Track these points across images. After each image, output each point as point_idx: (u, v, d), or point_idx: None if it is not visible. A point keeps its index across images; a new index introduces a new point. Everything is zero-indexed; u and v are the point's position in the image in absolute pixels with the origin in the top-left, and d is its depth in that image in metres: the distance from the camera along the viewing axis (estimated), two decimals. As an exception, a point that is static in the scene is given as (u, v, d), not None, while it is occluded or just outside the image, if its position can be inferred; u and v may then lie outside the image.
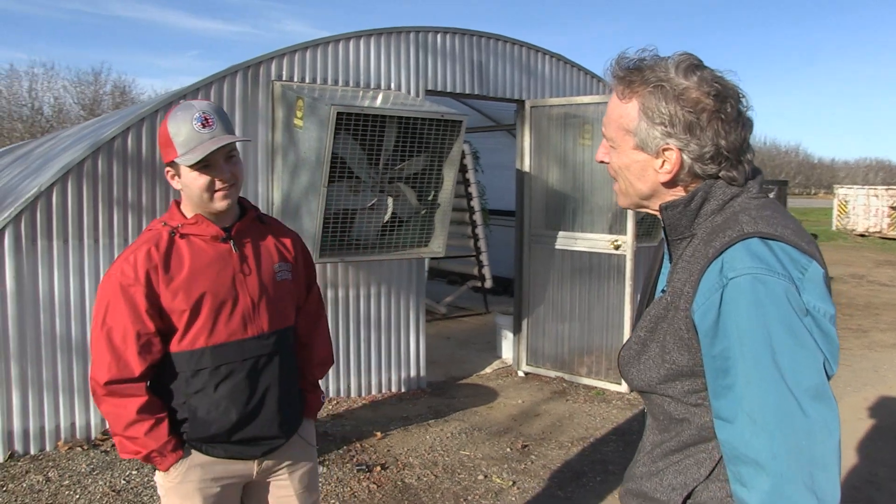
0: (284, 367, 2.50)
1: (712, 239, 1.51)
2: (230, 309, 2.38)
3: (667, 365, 1.57)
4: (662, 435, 1.65)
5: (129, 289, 2.29)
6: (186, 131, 2.27)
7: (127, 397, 2.30)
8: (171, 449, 2.36)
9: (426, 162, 6.00)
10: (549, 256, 7.44)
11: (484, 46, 7.14)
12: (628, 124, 1.60)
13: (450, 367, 7.71)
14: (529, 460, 5.26)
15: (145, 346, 2.31)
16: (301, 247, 2.69)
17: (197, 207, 2.39)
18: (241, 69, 5.82)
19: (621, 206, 1.77)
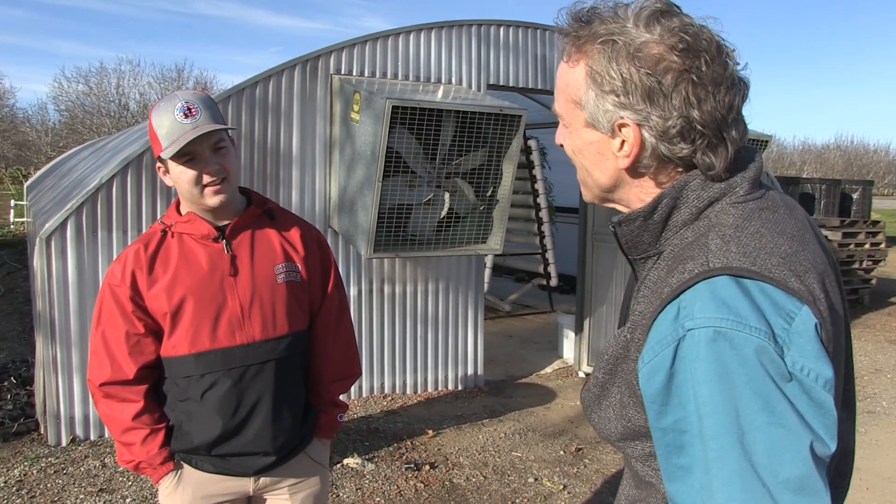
0: (281, 379, 2.32)
1: (673, 268, 1.14)
2: (215, 314, 2.24)
3: (622, 420, 1.23)
4: (637, 491, 1.34)
5: (116, 289, 2.23)
6: (169, 122, 2.13)
7: (123, 401, 2.25)
8: (162, 462, 2.28)
9: (484, 157, 5.90)
10: (613, 255, 7.27)
11: (548, 39, 7.00)
12: (576, 94, 1.22)
13: (509, 366, 7.60)
14: (583, 464, 5.12)
15: (136, 346, 2.24)
16: (318, 245, 2.48)
17: (191, 204, 2.25)
18: (299, 63, 5.82)
19: (586, 201, 1.38)
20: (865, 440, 5.68)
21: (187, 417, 2.26)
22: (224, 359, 2.24)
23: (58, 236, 5.08)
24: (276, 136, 5.78)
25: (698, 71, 1.14)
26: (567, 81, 1.24)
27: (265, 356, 2.28)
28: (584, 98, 1.21)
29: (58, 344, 5.13)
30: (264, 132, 5.72)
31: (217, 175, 2.19)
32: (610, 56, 1.16)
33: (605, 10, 1.20)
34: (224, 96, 5.57)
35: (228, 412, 2.25)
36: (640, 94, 1.15)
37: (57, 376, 5.15)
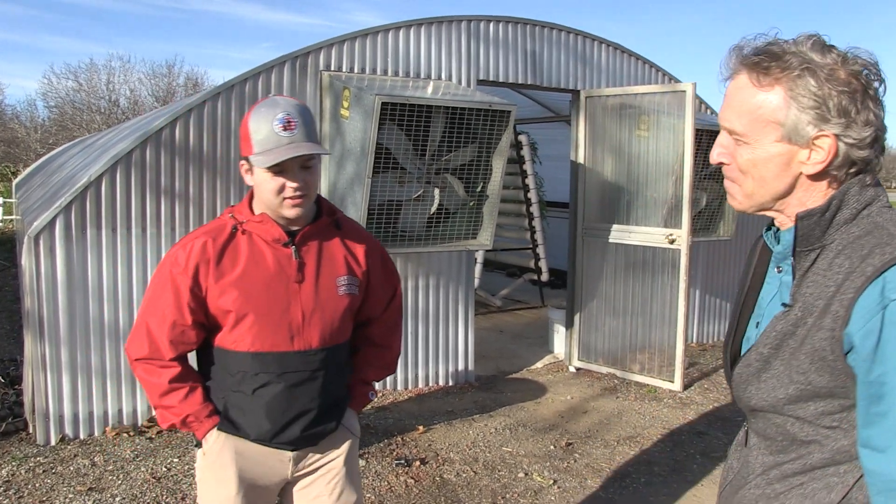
0: (328, 386, 2.38)
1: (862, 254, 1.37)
2: (277, 319, 2.27)
3: (798, 385, 1.44)
4: (778, 456, 1.54)
5: (176, 277, 2.25)
6: (266, 131, 2.16)
7: (161, 368, 2.29)
8: (208, 415, 2.33)
9: (474, 153, 5.91)
10: (603, 250, 7.29)
11: (538, 35, 7.01)
12: (772, 114, 1.43)
13: (500, 361, 7.62)
14: (573, 458, 5.14)
15: (180, 335, 2.28)
16: (379, 258, 2.53)
17: (266, 209, 2.28)
18: (289, 59, 5.81)
19: (737, 210, 1.59)
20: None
21: (235, 408, 2.33)
22: (280, 362, 2.29)
23: (46, 234, 5.07)
24: (265, 133, 5.75)
25: (872, 90, 1.41)
26: (758, 103, 1.44)
27: (318, 364, 2.34)
28: (784, 116, 1.42)
29: (46, 342, 5.12)
30: (254, 129, 5.70)
31: (301, 190, 2.22)
32: (808, 80, 1.39)
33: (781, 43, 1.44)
34: (214, 93, 5.56)
35: (276, 413, 2.31)
36: (836, 111, 1.38)
37: (46, 375, 5.14)
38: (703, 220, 7.65)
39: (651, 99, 6.83)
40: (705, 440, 5.52)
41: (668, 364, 6.83)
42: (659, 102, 6.79)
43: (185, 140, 5.47)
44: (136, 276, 5.35)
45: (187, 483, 4.63)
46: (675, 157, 6.65)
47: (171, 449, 5.10)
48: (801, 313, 1.43)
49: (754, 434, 1.62)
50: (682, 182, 6.52)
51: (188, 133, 5.47)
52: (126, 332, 5.32)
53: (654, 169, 6.83)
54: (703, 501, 4.58)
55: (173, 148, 5.43)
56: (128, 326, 5.32)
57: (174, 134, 5.43)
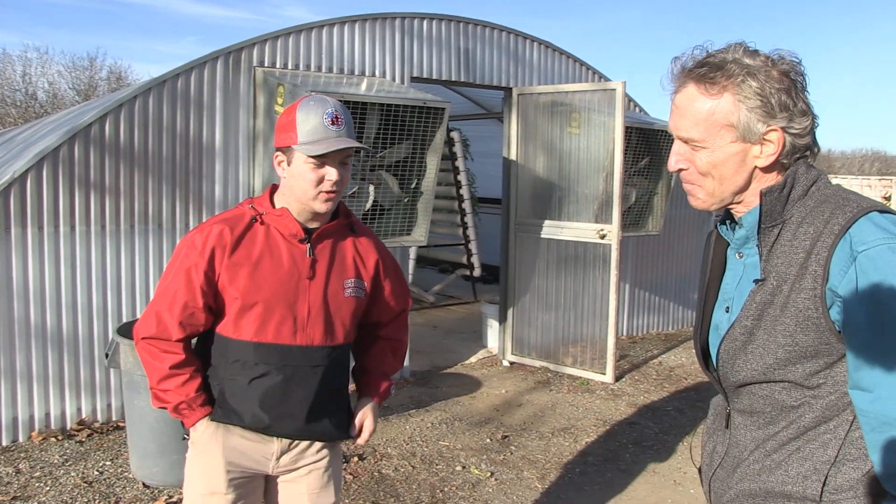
0: (326, 383, 2.41)
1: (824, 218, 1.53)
2: (284, 312, 2.32)
3: (786, 348, 1.55)
4: (769, 428, 1.64)
5: (192, 259, 2.29)
6: (315, 122, 2.22)
7: (163, 352, 2.31)
8: (200, 404, 2.35)
9: (409, 149, 5.94)
10: (535, 245, 7.39)
11: (471, 33, 7.07)
12: (725, 118, 1.57)
13: (434, 357, 7.67)
14: (509, 451, 5.22)
15: (189, 317, 2.31)
16: (388, 265, 2.57)
17: (296, 201, 2.32)
18: (222, 55, 5.74)
19: (700, 208, 1.72)
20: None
21: (231, 395, 2.36)
22: (282, 355, 2.33)
23: (-30, 232, 4.92)
24: (198, 129, 5.69)
25: (802, 83, 1.58)
26: (711, 110, 1.58)
27: (318, 361, 2.38)
28: (736, 119, 1.56)
29: (-29, 344, 4.97)
30: (186, 125, 5.63)
31: (337, 186, 2.28)
32: (751, 83, 1.54)
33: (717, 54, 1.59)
34: (145, 88, 5.46)
35: (272, 404, 2.34)
36: (778, 106, 1.54)
37: (-29, 377, 4.99)
38: (633, 216, 7.82)
39: (582, 97, 6.96)
40: (637, 430, 5.66)
41: (599, 357, 6.97)
42: (590, 100, 6.92)
43: (116, 136, 5.36)
44: (64, 275, 5.22)
45: (121, 486, 4.55)
46: (606, 153, 6.78)
47: (104, 452, 5.00)
48: (775, 283, 1.56)
49: (738, 414, 1.71)
50: (613, 178, 6.67)
51: (119, 129, 5.36)
52: (54, 333, 5.21)
53: (585, 166, 6.96)
54: (636, 489, 4.71)
55: (103, 144, 5.32)
56: (55, 327, 5.20)
57: (104, 129, 5.32)
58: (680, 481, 4.83)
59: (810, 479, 1.55)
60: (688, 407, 6.22)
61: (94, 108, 5.63)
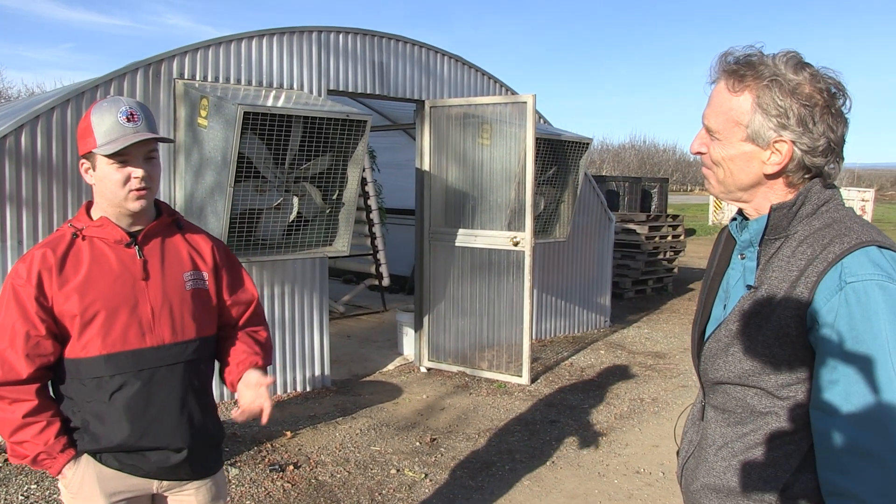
0: (189, 382, 2.39)
1: (823, 243, 1.58)
2: (126, 317, 2.28)
3: (763, 358, 1.61)
4: (737, 428, 1.70)
5: (20, 289, 2.22)
6: (110, 122, 2.21)
7: (14, 402, 2.23)
8: (61, 449, 2.28)
9: (331, 161, 6.04)
10: (450, 253, 7.59)
11: (385, 47, 7.22)
12: (740, 117, 1.63)
13: (353, 365, 7.76)
14: (439, 453, 5.38)
15: (35, 347, 2.23)
16: (224, 255, 2.58)
17: (110, 206, 2.30)
18: (141, 67, 5.71)
19: (713, 195, 1.79)
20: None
21: (94, 418, 2.29)
22: (135, 360, 2.29)
23: None
24: (117, 142, 5.62)
25: (836, 107, 1.61)
26: (731, 106, 1.65)
27: (174, 359, 2.35)
28: (749, 120, 1.63)
29: None
30: (105, 138, 5.55)
31: (145, 182, 2.27)
32: (775, 91, 1.60)
33: (758, 56, 1.64)
34: (63, 99, 5.37)
35: (137, 413, 2.29)
36: (796, 120, 1.60)
37: None
38: (542, 223, 8.12)
39: (493, 109, 7.21)
40: (558, 427, 5.92)
41: (515, 360, 7.22)
42: (501, 112, 7.17)
43: (33, 147, 5.26)
44: (-18, 292, 5.08)
45: None
46: (517, 164, 7.05)
47: (27, 475, 4.89)
48: (765, 294, 1.63)
49: (711, 409, 1.79)
50: (525, 187, 6.93)
51: (35, 140, 5.27)
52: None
53: (498, 175, 7.21)
54: (564, 483, 4.94)
55: (19, 156, 5.21)
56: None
57: (20, 141, 5.21)
58: (604, 473, 5.10)
59: (770, 484, 1.63)
60: (602, 404, 6.54)
61: (7, 119, 5.50)
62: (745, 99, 1.63)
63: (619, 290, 11.89)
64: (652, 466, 5.23)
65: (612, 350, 8.61)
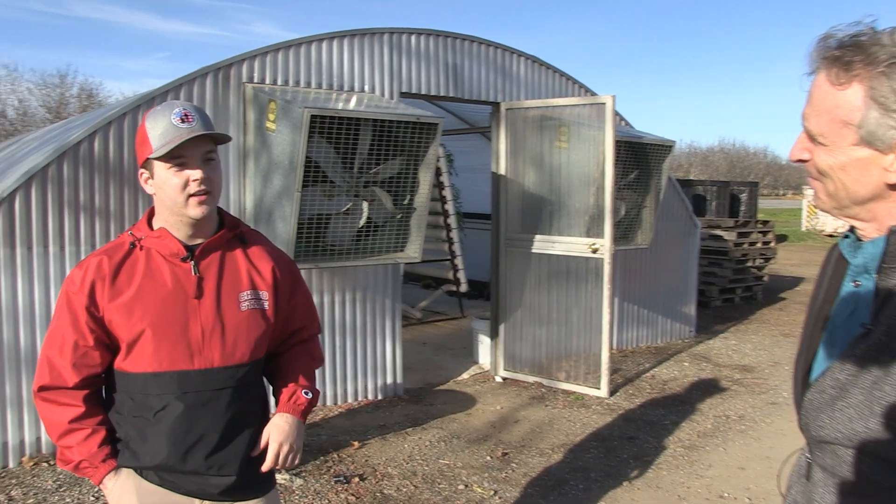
0: (234, 409, 2.24)
1: None
2: (175, 337, 2.16)
3: (882, 419, 1.26)
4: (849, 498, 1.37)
5: (73, 297, 2.16)
6: (164, 125, 2.11)
7: (62, 405, 2.18)
8: (103, 459, 2.19)
9: (402, 165, 5.90)
10: (526, 260, 7.36)
11: (459, 48, 7.05)
12: (848, 115, 1.28)
13: (426, 374, 7.60)
14: (510, 468, 5.16)
15: (82, 357, 2.16)
16: (288, 273, 2.41)
17: (170, 215, 2.19)
18: (211, 71, 5.68)
19: (821, 209, 1.44)
20: (770, 430, 5.93)
21: (137, 434, 2.20)
22: (180, 382, 2.17)
23: (-43, 255, 4.80)
24: (188, 147, 5.60)
25: None
26: (836, 103, 1.29)
27: (222, 383, 2.22)
28: (862, 118, 1.27)
29: (-41, 369, 4.84)
30: (175, 142, 5.54)
31: (204, 185, 2.15)
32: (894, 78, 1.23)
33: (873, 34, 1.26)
34: (134, 105, 5.38)
35: (178, 436, 2.18)
36: None
37: (-42, 403, 4.86)
38: (622, 229, 7.82)
39: (572, 111, 6.96)
40: (637, 444, 5.62)
41: (593, 371, 6.94)
42: (579, 114, 6.92)
43: (105, 154, 5.27)
44: (53, 296, 5.11)
45: (117, 511, 4.44)
46: (595, 167, 6.78)
47: (96, 476, 4.88)
48: (885, 338, 1.27)
49: (819, 469, 1.44)
50: (604, 192, 6.66)
51: (107, 146, 5.27)
52: (44, 355, 5.08)
53: (576, 180, 6.95)
54: (639, 503, 4.67)
55: (92, 162, 5.23)
56: (46, 350, 5.08)
57: (93, 147, 5.23)
58: (684, 496, 4.79)
59: None
60: (684, 420, 6.20)
61: (81, 126, 5.53)
62: (853, 92, 1.27)
63: (704, 298, 11.45)
64: (737, 491, 4.88)
65: (697, 362, 8.22)
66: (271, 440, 2.28)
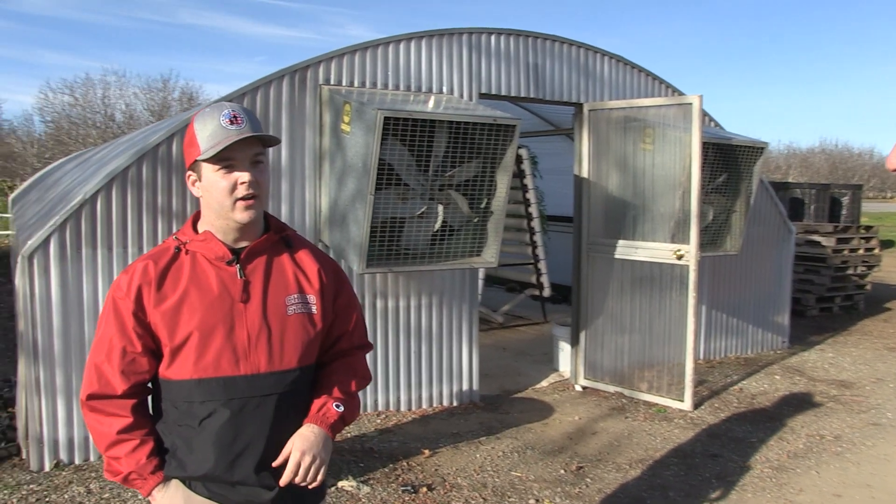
0: (282, 415, 2.18)
1: None
2: (221, 342, 2.11)
3: None
4: None
5: (120, 302, 2.11)
6: (213, 126, 2.08)
7: (109, 416, 2.13)
8: (152, 471, 2.14)
9: (479, 168, 5.77)
10: (609, 266, 7.14)
11: (540, 48, 6.88)
12: None
13: (504, 380, 7.46)
14: (584, 483, 4.97)
15: (130, 364, 2.12)
16: (334, 278, 2.34)
17: (216, 218, 2.14)
18: (288, 73, 5.67)
19: None
20: (872, 454, 5.55)
21: (183, 444, 2.15)
22: (226, 388, 2.12)
23: (41, 254, 4.91)
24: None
25: None
26: None
27: (269, 389, 2.16)
28: None
29: (41, 365, 4.96)
30: (252, 145, 5.56)
31: (252, 188, 2.11)
32: None
33: None
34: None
35: (225, 444, 2.13)
36: None
37: (40, 398, 4.98)
38: (710, 235, 7.52)
39: (657, 112, 6.70)
40: (720, 463, 5.35)
41: (677, 382, 6.67)
42: (665, 115, 6.66)
43: (182, 156, 5.31)
44: (131, 297, 5.18)
45: (185, 513, 4.45)
46: (682, 170, 6.51)
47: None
48: None
49: None
50: (690, 196, 6.39)
51: (185, 150, 5.31)
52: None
53: (661, 183, 6.70)
54: (720, 528, 4.42)
55: (170, 164, 5.29)
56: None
57: (171, 149, 5.29)
58: (769, 520, 4.52)
59: None
60: (773, 438, 5.87)
61: (162, 128, 5.61)
62: None
63: (800, 307, 10.94)
64: (828, 515, 4.59)
65: (789, 375, 7.82)
66: (293, 450, 2.17)
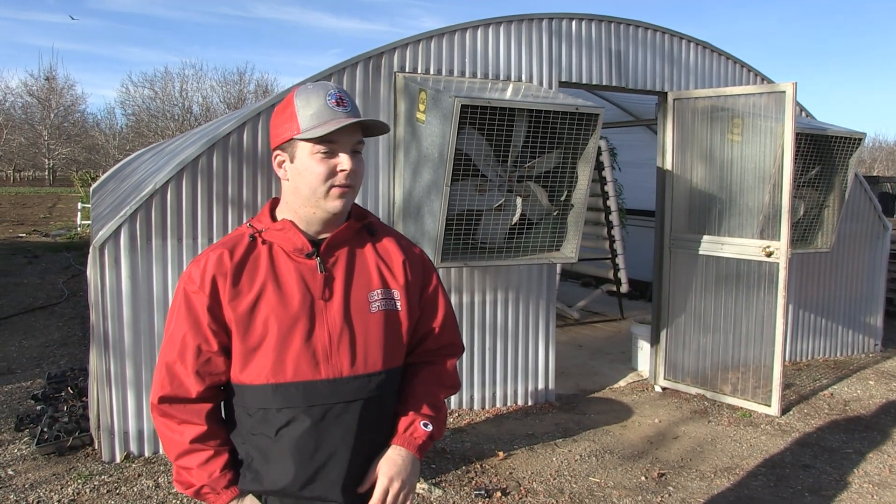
0: (367, 423, 1.98)
1: None
2: (302, 342, 1.92)
3: None
4: None
5: (193, 297, 1.93)
6: (318, 105, 1.89)
7: (182, 423, 1.95)
8: (226, 485, 1.96)
9: (559, 159, 5.53)
10: (692, 262, 6.83)
11: (623, 34, 6.60)
12: None
13: (580, 379, 7.21)
14: (667, 492, 4.71)
15: (206, 364, 1.94)
16: (420, 270, 2.14)
17: (303, 206, 1.96)
18: (362, 60, 5.53)
19: None
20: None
21: (259, 455, 1.96)
22: (306, 394, 1.92)
23: (111, 244, 4.87)
24: (337, 138, 5.49)
25: None
26: None
27: (352, 394, 1.96)
28: None
29: (111, 357, 4.92)
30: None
31: (350, 178, 1.93)
32: None
33: None
34: (284, 95, 5.29)
35: (305, 455, 1.93)
36: None
37: (110, 390, 4.95)
38: (800, 231, 7.13)
39: (746, 101, 6.35)
40: (813, 475, 5.02)
41: (763, 385, 6.33)
42: (755, 104, 6.31)
43: (253, 145, 5.22)
44: (203, 288, 5.11)
45: None
46: (772, 162, 6.16)
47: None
48: None
49: None
50: (781, 190, 6.04)
51: (256, 138, 5.22)
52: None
53: (749, 176, 6.35)
54: (817, 546, 4.12)
55: (241, 154, 5.19)
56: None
57: (241, 139, 5.19)
58: (870, 539, 4.20)
59: None
60: (871, 450, 5.50)
61: (233, 118, 5.52)
62: None
63: (893, 308, 10.40)
64: (936, 536, 4.24)
65: (885, 381, 7.38)
66: (381, 474, 1.99)
